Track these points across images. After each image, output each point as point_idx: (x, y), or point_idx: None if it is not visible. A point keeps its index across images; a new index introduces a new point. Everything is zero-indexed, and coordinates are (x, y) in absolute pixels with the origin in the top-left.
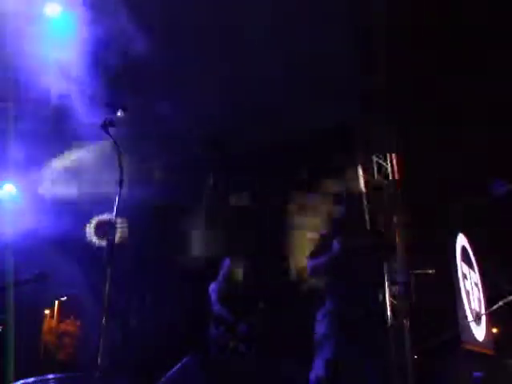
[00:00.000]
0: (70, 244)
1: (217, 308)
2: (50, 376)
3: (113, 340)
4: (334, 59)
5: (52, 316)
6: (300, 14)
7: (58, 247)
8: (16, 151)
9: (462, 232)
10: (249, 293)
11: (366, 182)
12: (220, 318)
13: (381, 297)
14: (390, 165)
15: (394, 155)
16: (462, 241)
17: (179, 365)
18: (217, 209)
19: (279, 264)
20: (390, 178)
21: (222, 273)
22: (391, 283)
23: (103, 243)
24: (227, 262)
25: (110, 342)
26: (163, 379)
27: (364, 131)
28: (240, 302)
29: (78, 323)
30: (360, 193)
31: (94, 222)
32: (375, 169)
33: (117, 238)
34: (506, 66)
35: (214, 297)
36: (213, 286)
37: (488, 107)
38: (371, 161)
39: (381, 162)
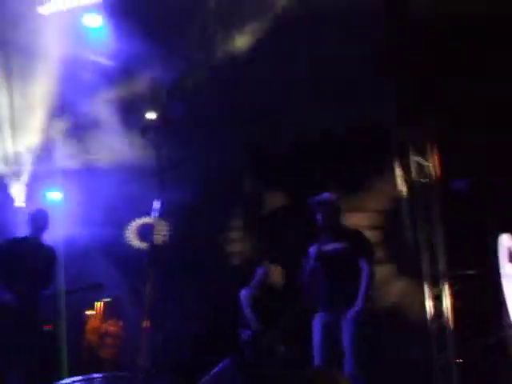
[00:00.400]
0: (113, 247)
1: (247, 312)
2: (96, 375)
3: (153, 341)
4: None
5: (96, 317)
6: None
7: (102, 251)
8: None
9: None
10: (280, 299)
11: (406, 182)
12: (248, 324)
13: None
14: (431, 164)
15: (435, 154)
16: (506, 242)
17: (217, 368)
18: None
19: None
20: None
21: (255, 280)
22: (432, 285)
23: (144, 246)
24: (261, 269)
25: (151, 343)
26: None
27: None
28: (271, 310)
29: (121, 324)
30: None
31: (134, 225)
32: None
33: (157, 241)
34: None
35: (244, 303)
36: (244, 293)
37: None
38: (408, 161)
39: (421, 161)
